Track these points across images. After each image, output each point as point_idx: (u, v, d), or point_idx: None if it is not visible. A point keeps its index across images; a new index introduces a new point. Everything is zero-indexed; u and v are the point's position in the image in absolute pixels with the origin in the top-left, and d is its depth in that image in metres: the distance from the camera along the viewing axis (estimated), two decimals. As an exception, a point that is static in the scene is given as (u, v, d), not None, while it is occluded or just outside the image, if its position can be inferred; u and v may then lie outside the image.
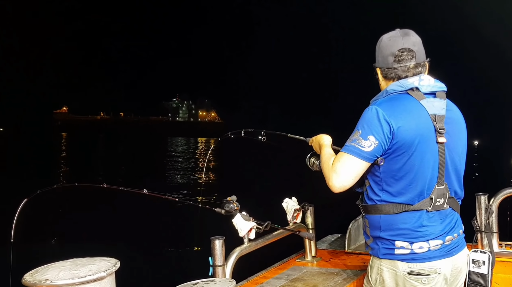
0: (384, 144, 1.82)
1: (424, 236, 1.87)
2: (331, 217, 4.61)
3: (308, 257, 2.84)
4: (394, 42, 1.94)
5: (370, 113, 1.86)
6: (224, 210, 2.15)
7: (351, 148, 1.84)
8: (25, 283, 1.26)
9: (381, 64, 1.98)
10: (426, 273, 1.87)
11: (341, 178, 1.84)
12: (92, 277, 1.26)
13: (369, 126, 1.83)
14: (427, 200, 1.87)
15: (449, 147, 1.90)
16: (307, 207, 2.79)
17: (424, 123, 1.85)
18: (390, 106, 1.86)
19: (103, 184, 2.30)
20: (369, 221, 1.98)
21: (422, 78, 1.92)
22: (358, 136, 1.84)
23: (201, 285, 1.59)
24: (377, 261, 1.95)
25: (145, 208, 15.52)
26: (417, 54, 1.94)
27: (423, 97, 1.89)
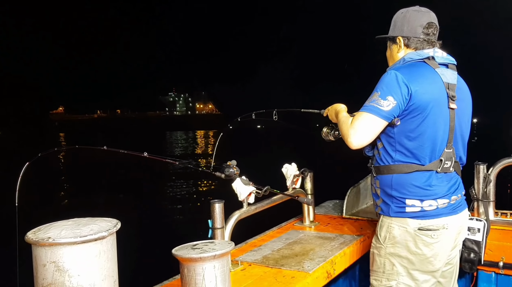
0: (401, 105, 1.91)
1: (433, 195, 1.99)
2: (329, 183, 4.65)
3: (306, 221, 2.88)
4: (423, 15, 2.08)
5: (389, 76, 1.95)
6: (224, 174, 2.16)
7: (370, 107, 1.93)
8: (28, 241, 1.28)
9: (407, 33, 2.08)
10: (435, 228, 1.99)
11: (359, 134, 1.92)
12: (94, 236, 1.28)
13: (388, 87, 1.92)
14: (437, 162, 1.98)
15: (458, 114, 2.03)
16: (307, 173, 2.81)
17: (438, 89, 1.97)
18: (408, 71, 1.96)
19: (104, 147, 2.30)
20: (380, 181, 2.08)
21: (437, 50, 2.07)
22: (377, 97, 1.93)
23: (200, 246, 1.62)
24: (387, 220, 2.06)
25: (146, 172, 15.65)
26: (438, 31, 2.10)
27: (437, 66, 2.02)
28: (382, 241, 2.08)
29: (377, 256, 2.11)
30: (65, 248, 1.26)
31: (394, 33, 2.13)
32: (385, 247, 2.07)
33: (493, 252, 2.64)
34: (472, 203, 2.79)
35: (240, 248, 2.47)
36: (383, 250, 2.07)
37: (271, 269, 2.15)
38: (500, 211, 2.82)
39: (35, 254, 1.28)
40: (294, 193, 2.65)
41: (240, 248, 2.46)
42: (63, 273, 1.26)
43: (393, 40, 2.14)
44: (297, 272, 2.09)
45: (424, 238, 1.99)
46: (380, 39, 2.22)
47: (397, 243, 2.03)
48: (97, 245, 1.30)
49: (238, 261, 2.24)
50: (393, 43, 2.15)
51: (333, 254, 2.30)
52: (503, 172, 2.80)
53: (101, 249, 1.31)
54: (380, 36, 2.22)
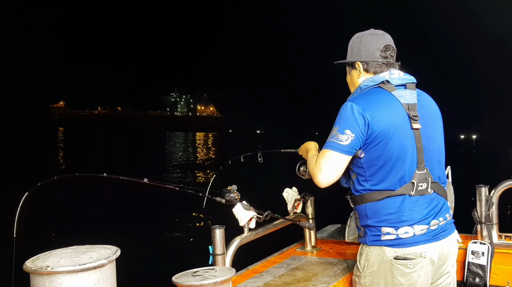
0: (360, 136, 1.92)
1: (408, 220, 1.94)
2: (331, 207, 4.62)
3: (308, 246, 2.85)
4: (379, 38, 2.09)
5: (345, 109, 1.96)
6: (225, 199, 2.15)
7: (331, 143, 1.95)
8: (26, 270, 1.26)
9: (365, 58, 2.09)
10: (412, 257, 1.93)
11: (324, 172, 1.94)
12: (93, 264, 1.26)
13: (345, 121, 1.94)
14: (409, 185, 1.94)
15: (425, 133, 1.99)
16: (308, 197, 2.79)
17: (397, 112, 1.96)
18: (363, 100, 1.97)
19: (104, 173, 2.29)
20: (357, 211, 2.07)
21: (392, 72, 2.05)
22: (336, 132, 1.95)
23: (201, 273, 1.60)
24: (365, 248, 2.04)
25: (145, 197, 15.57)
26: (396, 52, 2.12)
27: (394, 89, 2.01)
28: (362, 269, 2.04)
29: (357, 284, 2.08)
30: (64, 276, 1.24)
31: (352, 59, 2.13)
32: (364, 276, 2.03)
33: (498, 276, 2.60)
34: (475, 226, 2.76)
35: (242, 274, 2.43)
36: (363, 279, 2.04)
37: (273, 296, 2.11)
38: (504, 234, 2.80)
39: (34, 283, 1.26)
40: (295, 217, 2.63)
41: (241, 275, 2.42)
42: (62, 303, 1.24)
43: (352, 65, 2.14)
44: (300, 299, 2.05)
45: (401, 268, 1.93)
46: (338, 64, 2.23)
47: (375, 272, 1.99)
48: (97, 273, 1.28)
49: (239, 288, 2.20)
50: (352, 69, 2.15)
51: (336, 280, 2.27)
52: (506, 195, 2.78)
53: (101, 277, 1.29)
54: (338, 62, 2.22)
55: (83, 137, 50.31)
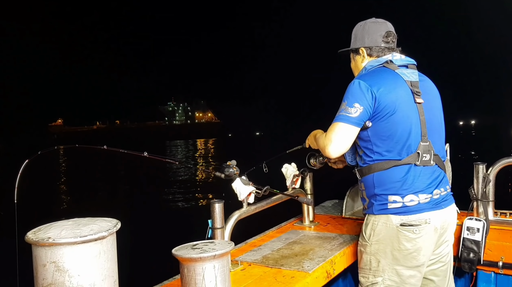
0: (368, 109, 2.02)
1: (414, 189, 2.04)
2: (329, 183, 4.65)
3: (306, 221, 2.88)
4: (380, 25, 2.23)
5: (353, 85, 2.07)
6: (224, 174, 2.17)
7: (340, 116, 2.04)
8: (28, 241, 1.28)
9: (368, 43, 2.22)
10: (417, 223, 2.03)
11: (335, 143, 2.03)
12: (94, 236, 1.28)
13: (353, 96, 2.04)
14: (414, 155, 2.05)
15: (427, 107, 2.11)
16: (306, 173, 2.81)
17: (401, 87, 2.07)
18: (370, 77, 2.09)
19: (104, 146, 2.30)
20: (364, 183, 2.16)
21: (395, 54, 2.20)
22: (345, 106, 2.05)
23: (200, 246, 1.63)
24: (371, 218, 2.12)
25: (146, 171, 15.66)
26: (397, 38, 2.24)
27: (397, 68, 2.14)
28: (367, 238, 2.13)
29: (363, 253, 2.16)
30: (65, 248, 1.26)
31: (356, 45, 2.26)
32: (370, 245, 2.12)
33: (492, 251, 2.64)
34: (471, 203, 2.79)
35: (240, 248, 2.47)
36: (368, 248, 2.12)
37: (271, 269, 2.15)
38: (499, 211, 2.83)
39: (35, 254, 1.28)
40: (293, 193, 2.66)
41: (240, 248, 2.46)
42: (63, 273, 1.26)
43: (356, 51, 2.26)
44: (297, 272, 2.09)
45: (406, 234, 2.03)
46: (343, 52, 2.35)
47: (381, 240, 2.08)
48: (97, 245, 1.30)
49: (238, 261, 2.24)
50: (357, 55, 2.27)
51: (333, 254, 2.30)
52: (503, 172, 2.80)
53: (101, 249, 1.31)
54: (343, 50, 2.34)
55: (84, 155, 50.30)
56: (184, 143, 70.03)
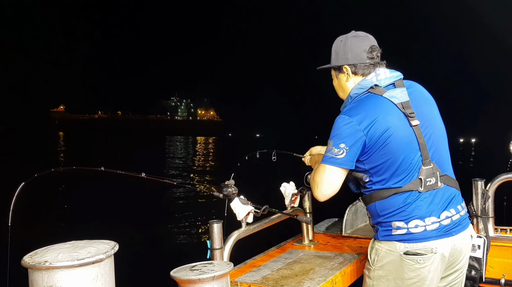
0: (357, 148, 1.92)
1: (418, 214, 1.92)
2: (328, 202, 4.63)
3: (305, 240, 2.86)
4: (363, 40, 2.08)
5: (339, 122, 1.96)
6: (222, 193, 2.16)
7: (326, 157, 1.96)
8: (24, 265, 1.27)
9: (352, 60, 2.07)
10: (422, 252, 1.91)
11: (321, 187, 1.98)
12: (91, 259, 1.27)
13: (339, 135, 1.94)
14: (416, 181, 1.93)
15: (425, 127, 1.97)
16: (305, 191, 2.80)
17: (393, 114, 1.94)
18: (356, 111, 1.96)
19: (101, 168, 2.29)
20: (369, 211, 2.08)
21: (378, 73, 2.04)
22: (331, 146, 1.95)
23: (199, 267, 1.61)
24: (376, 243, 2.03)
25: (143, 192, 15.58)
26: (381, 52, 2.11)
27: (384, 91, 1.99)
28: (372, 263, 2.05)
29: (367, 277, 2.09)
30: (62, 271, 1.24)
31: (339, 63, 2.11)
32: (373, 270, 2.03)
33: (494, 269, 2.62)
34: (471, 219, 2.78)
35: (239, 268, 2.45)
36: (372, 272, 2.04)
37: (271, 290, 2.12)
38: (499, 227, 2.82)
39: (32, 278, 1.26)
40: (292, 211, 2.64)
41: (239, 269, 2.44)
42: (60, 298, 1.24)
43: (339, 69, 2.12)
44: (297, 293, 2.07)
45: (410, 263, 1.92)
46: (322, 70, 2.20)
47: (385, 266, 1.99)
48: (95, 268, 1.29)
49: (237, 282, 2.21)
50: (340, 73, 2.13)
51: (333, 274, 2.28)
52: (502, 188, 2.80)
53: (99, 272, 1.30)
54: (323, 67, 2.20)
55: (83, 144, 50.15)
56: (184, 139, 69.90)
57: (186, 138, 72.24)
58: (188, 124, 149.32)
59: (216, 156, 39.11)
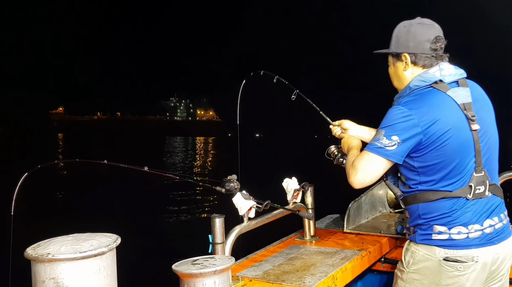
0: (410, 143, 1.81)
1: (462, 220, 1.85)
2: (330, 198, 4.64)
3: (307, 236, 2.86)
4: (429, 29, 1.94)
5: (395, 113, 1.84)
6: (224, 188, 2.16)
7: (373, 146, 1.86)
8: (27, 257, 1.28)
9: (413, 49, 1.93)
10: (463, 260, 1.84)
11: (360, 175, 1.88)
12: (93, 252, 1.28)
13: (394, 126, 1.82)
14: (466, 188, 1.85)
15: (482, 133, 1.88)
16: (307, 187, 2.80)
17: (454, 114, 1.84)
18: (415, 104, 1.84)
19: (104, 160, 2.30)
20: (408, 211, 1.98)
21: (442, 67, 1.90)
22: (381, 135, 1.84)
23: (200, 261, 1.62)
24: (413, 245, 1.95)
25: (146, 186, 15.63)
26: (445, 43, 1.96)
27: (448, 88, 1.87)
28: (406, 265, 1.97)
29: (399, 278, 2.01)
30: (64, 264, 1.25)
31: (398, 49, 1.98)
32: (407, 272, 1.96)
33: None
34: None
35: (241, 263, 2.45)
36: (405, 275, 1.97)
37: (272, 285, 2.13)
38: None
39: (34, 270, 1.27)
40: (294, 207, 2.64)
41: (240, 263, 2.44)
42: (62, 290, 1.25)
43: (397, 57, 1.99)
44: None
45: (450, 269, 1.85)
46: (379, 54, 2.07)
47: (420, 270, 1.91)
48: (97, 261, 1.30)
49: (238, 277, 2.22)
50: (398, 60, 1.99)
51: (334, 269, 2.28)
52: (505, 186, 2.78)
53: (101, 265, 1.31)
54: (380, 52, 2.07)
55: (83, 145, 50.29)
56: (184, 140, 70.04)
57: (185, 139, 72.48)
58: (187, 124, 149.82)
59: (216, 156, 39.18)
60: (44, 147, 46.60)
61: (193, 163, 34.13)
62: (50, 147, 50.05)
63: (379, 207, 3.33)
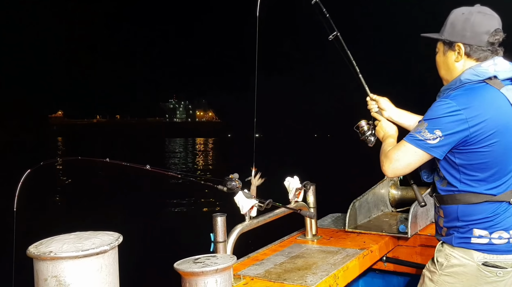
0: (453, 140, 1.72)
1: (504, 225, 1.77)
2: (332, 196, 4.64)
3: (308, 235, 2.86)
4: (490, 19, 1.79)
5: (441, 106, 1.73)
6: (226, 187, 2.16)
7: (413, 137, 1.77)
8: (30, 255, 1.28)
9: (469, 40, 1.79)
10: (503, 266, 1.77)
11: (395, 165, 1.81)
12: (95, 250, 1.28)
13: (439, 120, 1.72)
14: (509, 192, 1.77)
15: None
16: (309, 186, 2.80)
17: (506, 113, 1.74)
18: (465, 99, 1.72)
19: (106, 159, 2.30)
20: (444, 211, 1.88)
21: (496, 62, 1.79)
22: (423, 128, 1.75)
23: (202, 260, 1.62)
24: (448, 248, 1.87)
25: (148, 184, 15.66)
26: (503, 37, 1.83)
27: (502, 85, 1.76)
28: (438, 267, 1.87)
29: (428, 279, 1.92)
30: (66, 262, 1.25)
31: (453, 38, 1.82)
32: (439, 274, 1.87)
33: None
34: None
35: (242, 262, 2.45)
36: (437, 276, 1.88)
37: (274, 284, 2.13)
38: None
39: (37, 268, 1.28)
40: (296, 206, 2.64)
41: (242, 262, 2.44)
42: (65, 288, 1.25)
43: (450, 45, 1.84)
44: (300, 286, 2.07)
45: (488, 275, 1.77)
46: (428, 39, 1.92)
47: (455, 274, 1.83)
48: (99, 259, 1.30)
49: (240, 275, 2.22)
50: (450, 49, 1.84)
51: (336, 268, 2.28)
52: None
53: (103, 263, 1.31)
54: (431, 36, 1.91)
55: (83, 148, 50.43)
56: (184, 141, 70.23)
57: (185, 140, 72.74)
58: (187, 126, 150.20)
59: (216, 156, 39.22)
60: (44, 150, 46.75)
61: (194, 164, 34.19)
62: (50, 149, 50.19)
63: (381, 206, 3.33)
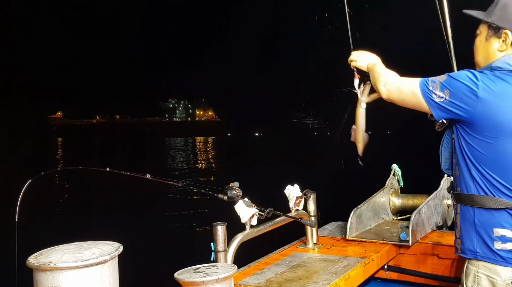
0: (455, 109, 1.61)
1: None
2: (333, 205, 4.63)
3: (309, 244, 2.85)
4: None
5: (465, 74, 1.62)
6: (227, 196, 2.16)
7: (426, 84, 1.67)
8: (29, 265, 1.27)
9: None
10: None
11: (394, 87, 1.74)
12: (95, 260, 1.28)
13: (454, 82, 1.62)
14: None
15: None
16: (309, 195, 2.80)
17: None
18: (491, 81, 1.60)
19: (107, 168, 2.30)
20: (461, 213, 1.75)
21: None
22: (439, 81, 1.65)
23: (203, 269, 1.61)
24: (473, 268, 1.71)
25: (148, 193, 15.64)
26: None
27: None
28: None
29: None
30: (66, 272, 1.25)
31: (501, 23, 1.65)
32: None
33: None
34: None
35: (243, 271, 2.44)
36: None
37: (275, 293, 2.11)
38: None
39: (36, 278, 1.27)
40: (297, 215, 2.64)
41: (243, 271, 2.43)
42: (64, 298, 1.25)
43: (496, 30, 1.67)
44: (301, 296, 2.06)
45: None
46: (470, 16, 1.75)
47: None
48: (99, 269, 1.29)
49: (241, 285, 2.21)
50: (494, 35, 1.68)
51: (337, 277, 2.27)
52: None
53: (103, 273, 1.30)
54: (474, 15, 1.74)
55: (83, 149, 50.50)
56: (184, 141, 70.38)
57: (185, 140, 72.88)
58: (187, 125, 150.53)
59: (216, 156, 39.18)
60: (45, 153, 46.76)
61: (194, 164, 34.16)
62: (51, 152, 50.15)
63: (382, 214, 3.32)
